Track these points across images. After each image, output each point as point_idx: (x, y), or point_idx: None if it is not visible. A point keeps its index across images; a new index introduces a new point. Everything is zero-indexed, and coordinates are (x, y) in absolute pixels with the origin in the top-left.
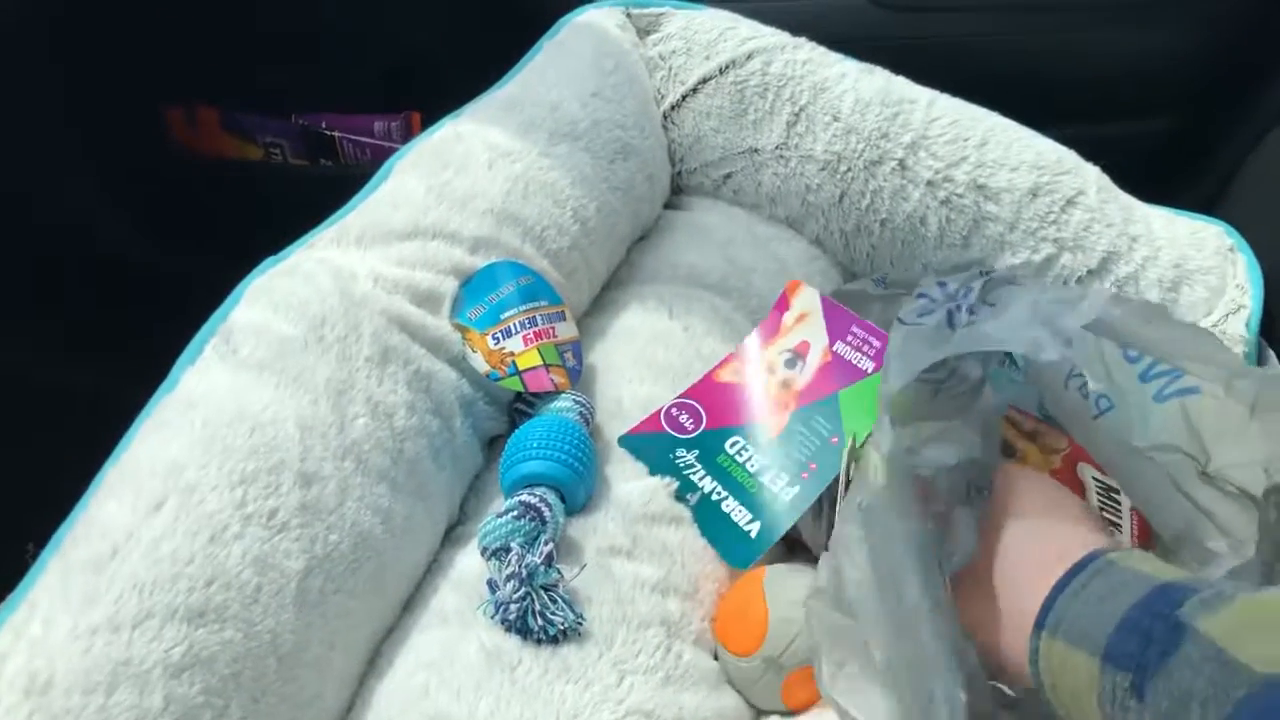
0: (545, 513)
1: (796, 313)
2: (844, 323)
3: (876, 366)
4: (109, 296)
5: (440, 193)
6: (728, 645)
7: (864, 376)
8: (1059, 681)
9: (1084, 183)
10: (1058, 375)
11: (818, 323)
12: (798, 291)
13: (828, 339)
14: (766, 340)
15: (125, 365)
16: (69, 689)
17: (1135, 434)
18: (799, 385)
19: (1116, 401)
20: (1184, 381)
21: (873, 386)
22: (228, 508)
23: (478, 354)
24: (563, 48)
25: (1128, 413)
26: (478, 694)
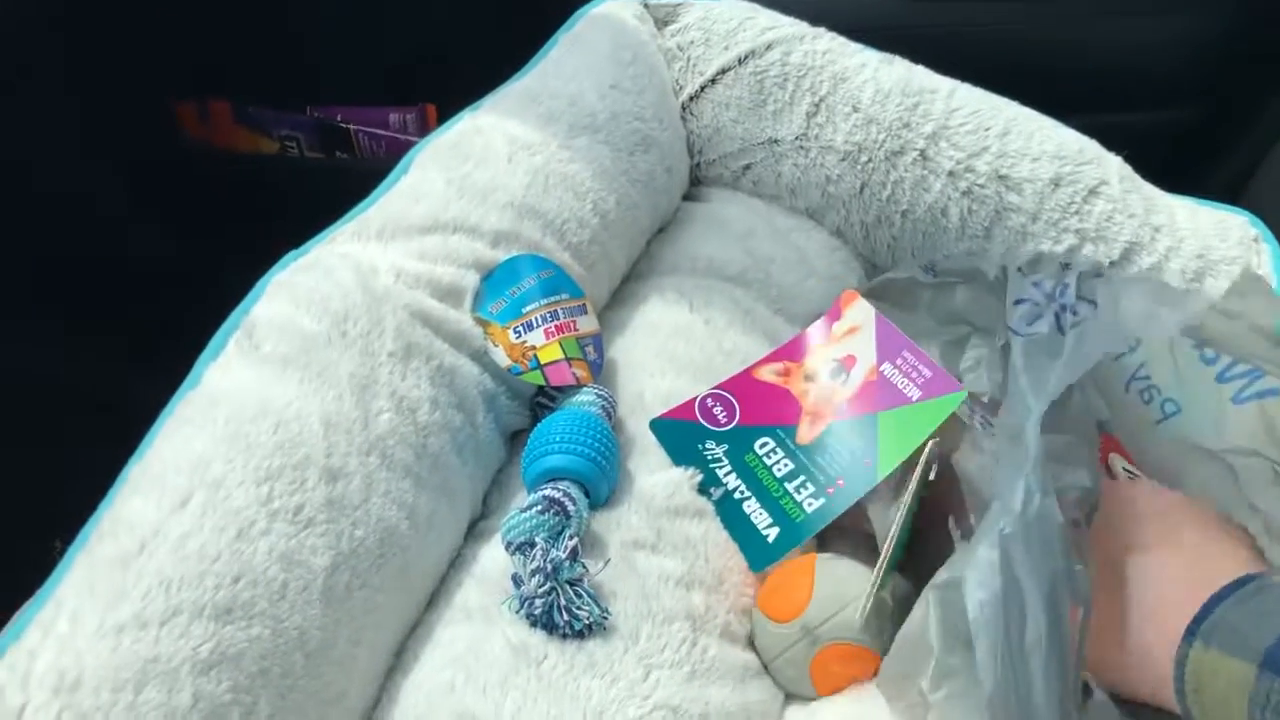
0: (569, 507)
1: (848, 324)
2: (896, 345)
3: (922, 396)
4: (126, 292)
5: (461, 186)
6: (768, 612)
7: (908, 403)
8: (1206, 687)
9: (1106, 173)
10: (1118, 377)
11: (868, 339)
12: (852, 303)
13: (876, 358)
14: (811, 347)
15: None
16: (98, 686)
17: (1208, 437)
18: (839, 398)
19: (1184, 405)
20: (1264, 383)
21: (915, 414)
22: (254, 504)
23: (499, 348)
24: (580, 39)
25: (1198, 416)
26: (504, 690)
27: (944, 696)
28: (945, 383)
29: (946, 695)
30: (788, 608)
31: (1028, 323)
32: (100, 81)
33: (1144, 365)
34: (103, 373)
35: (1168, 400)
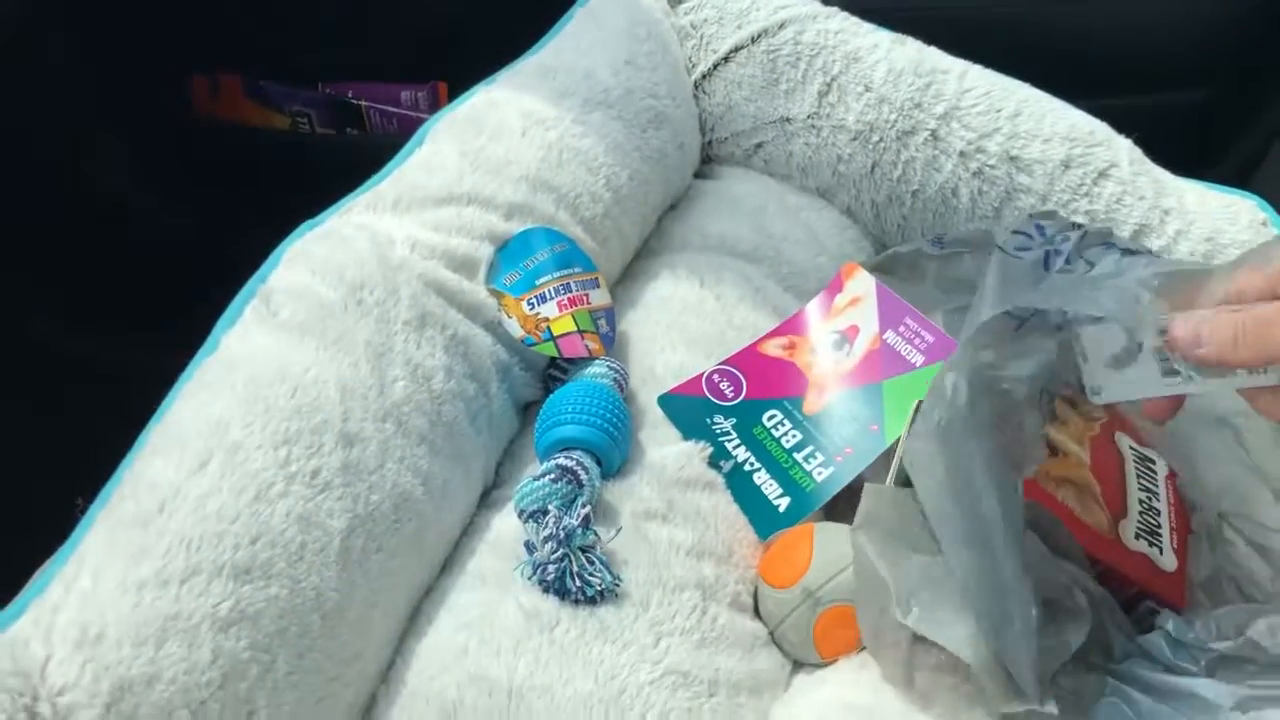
0: (581, 476)
1: (849, 296)
2: (898, 313)
3: (926, 361)
4: (132, 264)
5: (475, 159)
6: (768, 579)
7: (911, 369)
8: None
9: (1116, 155)
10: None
11: (870, 309)
12: (853, 275)
13: (878, 327)
14: (815, 320)
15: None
16: (120, 641)
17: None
18: (844, 368)
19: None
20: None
21: (919, 380)
22: (272, 466)
23: (513, 319)
24: (595, 16)
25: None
26: (517, 654)
27: (917, 615)
28: (948, 346)
29: (919, 613)
30: (789, 572)
31: (1015, 248)
32: (111, 53)
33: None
34: (107, 344)
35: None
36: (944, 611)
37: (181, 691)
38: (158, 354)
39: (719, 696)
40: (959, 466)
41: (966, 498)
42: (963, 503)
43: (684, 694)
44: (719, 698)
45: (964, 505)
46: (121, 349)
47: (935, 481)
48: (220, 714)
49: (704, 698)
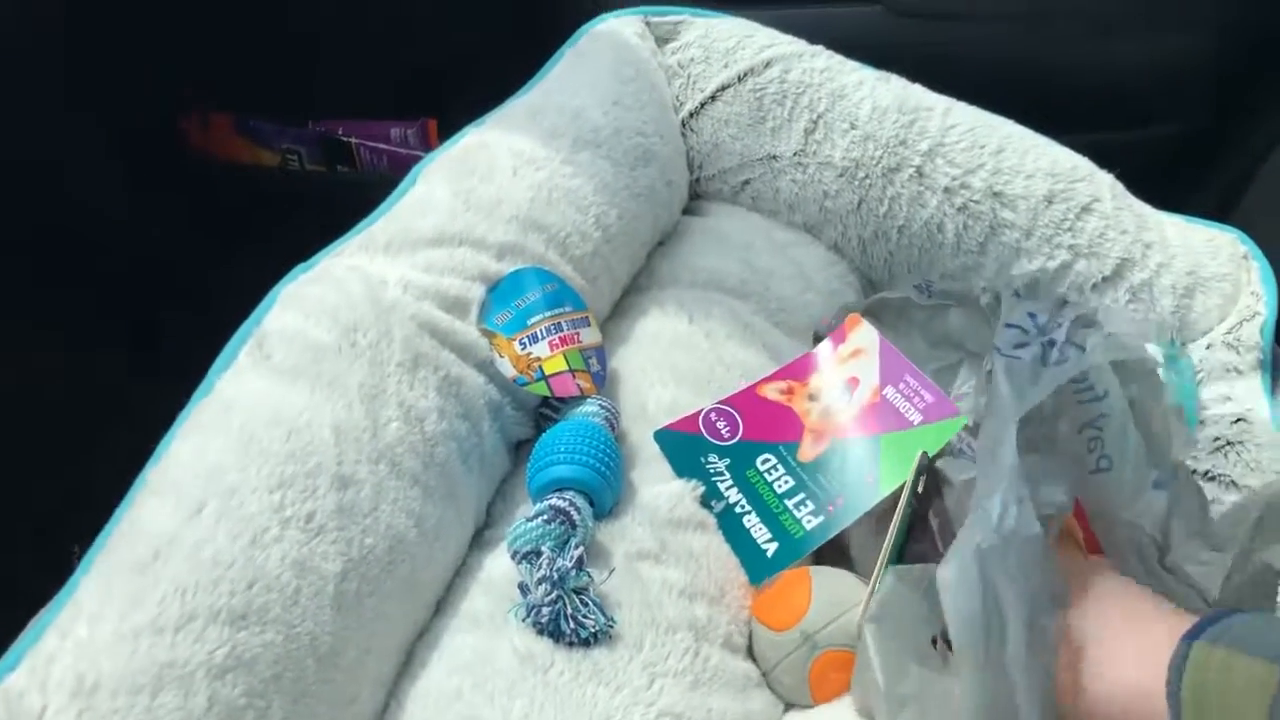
0: (574, 516)
1: (852, 347)
2: (898, 369)
3: (923, 420)
4: (126, 302)
5: (467, 199)
6: (766, 621)
7: (909, 427)
8: (1213, 686)
9: (1099, 190)
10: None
11: (872, 362)
12: (856, 327)
13: (879, 380)
14: (815, 367)
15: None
16: (115, 690)
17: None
18: (842, 418)
19: (1116, 465)
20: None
21: (917, 438)
22: (267, 510)
23: (505, 359)
24: (583, 56)
25: (1122, 479)
26: (511, 697)
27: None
28: (945, 407)
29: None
30: (787, 615)
31: (1013, 346)
32: (104, 92)
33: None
34: (103, 382)
35: (1104, 456)
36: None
37: None
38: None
39: None
40: (995, 597)
41: (997, 631)
42: (992, 636)
43: None
44: None
45: (993, 638)
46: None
47: (969, 611)
48: None
49: None
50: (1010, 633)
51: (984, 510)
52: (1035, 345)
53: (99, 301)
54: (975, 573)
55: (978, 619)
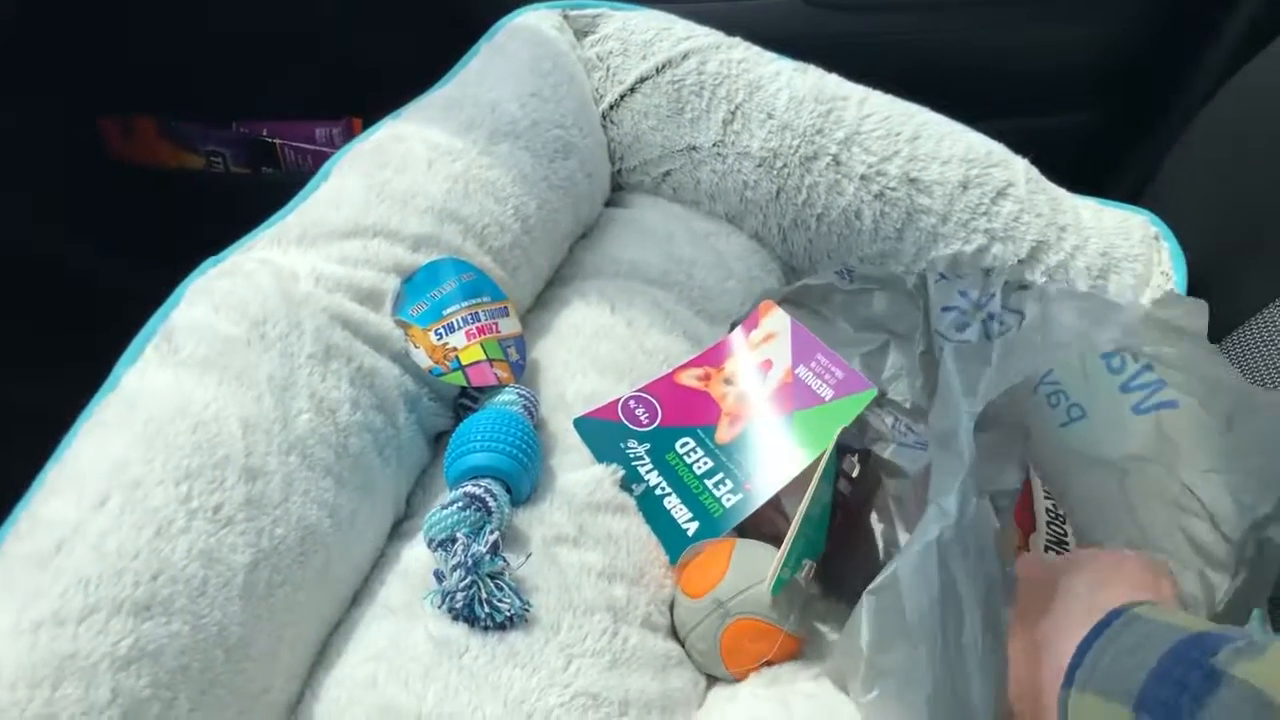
0: (490, 503)
1: (764, 332)
2: (810, 349)
3: (835, 395)
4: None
5: (380, 191)
6: (684, 588)
7: (821, 403)
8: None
9: (1013, 175)
10: (1028, 380)
11: (784, 344)
12: (769, 312)
13: (791, 361)
14: (730, 353)
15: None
16: (14, 683)
17: (1106, 445)
18: (756, 399)
19: (1089, 411)
20: (1164, 394)
21: (827, 413)
22: (172, 503)
23: (420, 350)
24: (500, 49)
25: (1099, 423)
26: (426, 682)
27: (875, 698)
28: (856, 382)
29: (878, 696)
30: (703, 583)
31: (956, 329)
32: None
33: (1053, 371)
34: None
35: (1074, 405)
36: (900, 710)
37: None
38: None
39: (630, 716)
40: (953, 586)
41: (954, 619)
42: (949, 624)
43: (594, 715)
44: (630, 717)
45: (950, 626)
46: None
47: (928, 599)
48: None
49: (615, 718)
50: (966, 620)
51: (942, 503)
52: (976, 323)
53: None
54: (934, 563)
55: (936, 607)
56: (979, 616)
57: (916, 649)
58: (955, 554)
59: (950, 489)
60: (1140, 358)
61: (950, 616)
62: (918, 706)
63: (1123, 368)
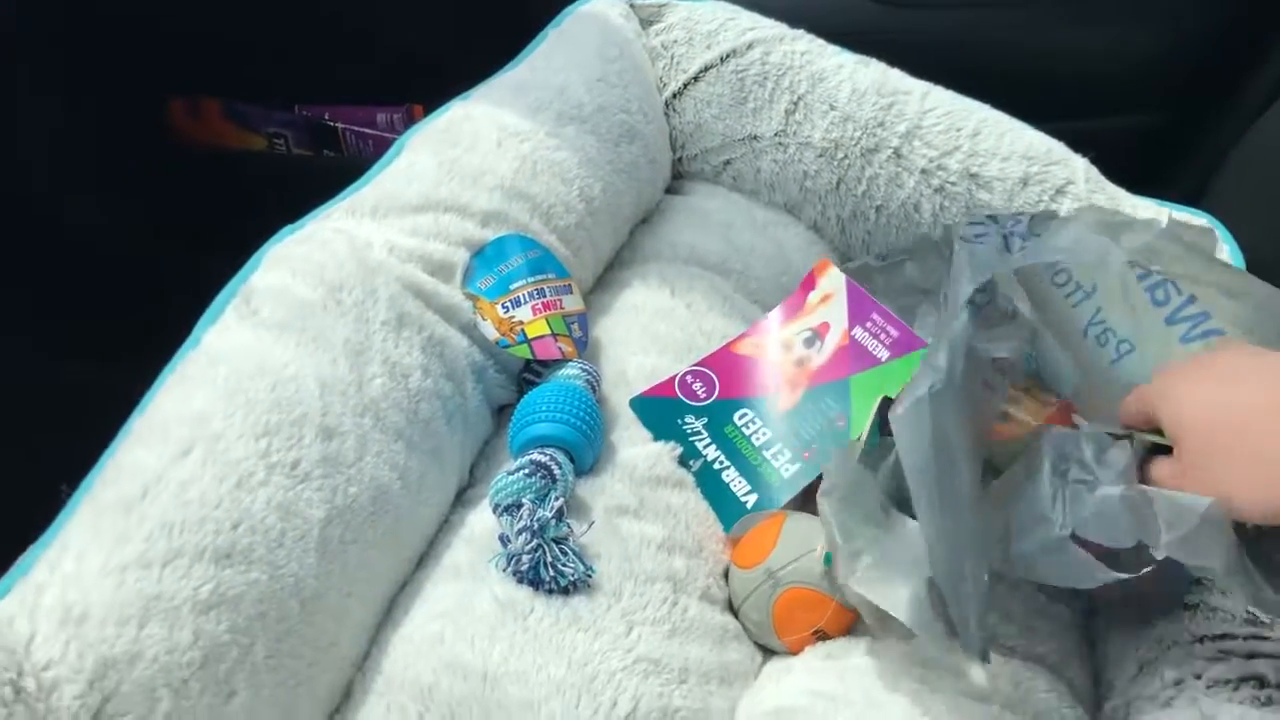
0: (555, 471)
1: (821, 293)
2: (865, 308)
3: (891, 356)
4: (112, 286)
5: (451, 168)
6: (736, 560)
7: (877, 364)
8: None
9: (1073, 173)
10: (1076, 325)
11: (840, 305)
12: (825, 272)
13: (847, 322)
14: (788, 318)
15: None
16: (103, 620)
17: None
18: (814, 365)
19: (1137, 345)
20: (1210, 324)
21: (884, 375)
22: (252, 456)
23: (488, 322)
24: (568, 35)
25: (1149, 355)
26: (491, 641)
27: (860, 574)
28: (911, 340)
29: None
30: (755, 554)
31: (975, 235)
32: (88, 80)
33: (1100, 310)
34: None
35: (1122, 341)
36: (888, 574)
37: (163, 671)
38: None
39: (689, 684)
40: (944, 432)
41: (945, 462)
42: (941, 466)
43: (655, 680)
44: (689, 685)
45: (942, 468)
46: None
47: (923, 444)
48: (200, 694)
49: (674, 684)
50: (959, 465)
51: (934, 358)
52: (995, 236)
53: (81, 288)
54: (927, 413)
55: (930, 453)
56: (969, 465)
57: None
58: (946, 405)
59: (942, 347)
60: (1183, 290)
61: (944, 464)
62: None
63: (1167, 300)
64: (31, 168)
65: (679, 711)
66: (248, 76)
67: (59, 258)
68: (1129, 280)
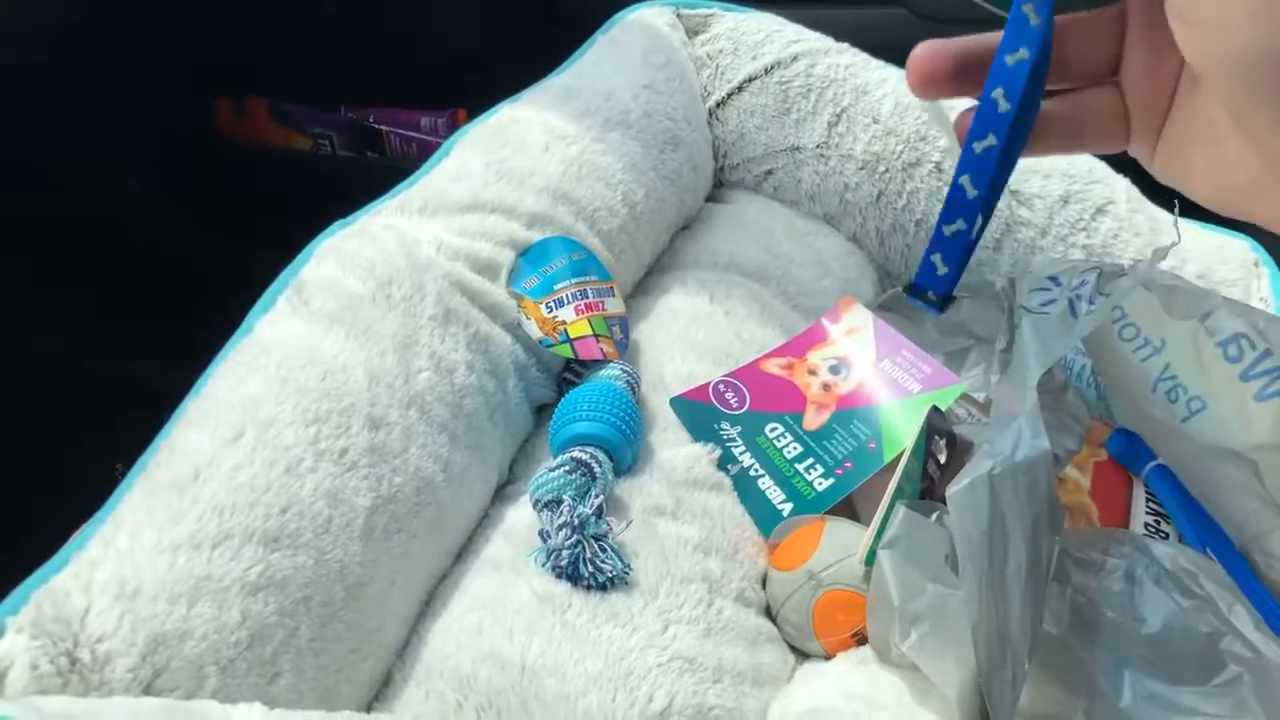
0: (595, 469)
1: (846, 326)
2: (894, 345)
3: (923, 389)
4: (159, 283)
5: (499, 169)
6: (777, 565)
7: (909, 395)
8: None
9: (1114, 192)
10: (1145, 380)
11: (867, 340)
12: (850, 308)
13: (875, 355)
14: (813, 345)
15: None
16: (155, 597)
17: (1232, 435)
18: (841, 390)
19: (1210, 403)
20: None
21: (917, 405)
22: (302, 443)
23: (531, 321)
24: (615, 42)
25: (1222, 414)
26: (529, 634)
27: (915, 641)
28: (944, 377)
29: (917, 639)
30: (796, 557)
31: (1040, 304)
32: (139, 78)
33: (1169, 365)
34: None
35: (1194, 398)
36: (940, 644)
37: (212, 649)
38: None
39: (723, 683)
40: (1001, 520)
41: (1000, 551)
42: (995, 555)
43: (690, 679)
44: (723, 684)
45: (996, 557)
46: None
47: (977, 530)
48: (246, 674)
49: (709, 683)
50: (1011, 551)
51: (998, 440)
52: (1062, 301)
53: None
54: (985, 494)
55: (984, 536)
56: (1024, 549)
57: (963, 577)
58: (1006, 488)
59: (1008, 428)
60: (1257, 345)
61: (997, 548)
62: (961, 636)
63: (1240, 356)
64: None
65: (713, 710)
66: (295, 77)
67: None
68: (1200, 335)
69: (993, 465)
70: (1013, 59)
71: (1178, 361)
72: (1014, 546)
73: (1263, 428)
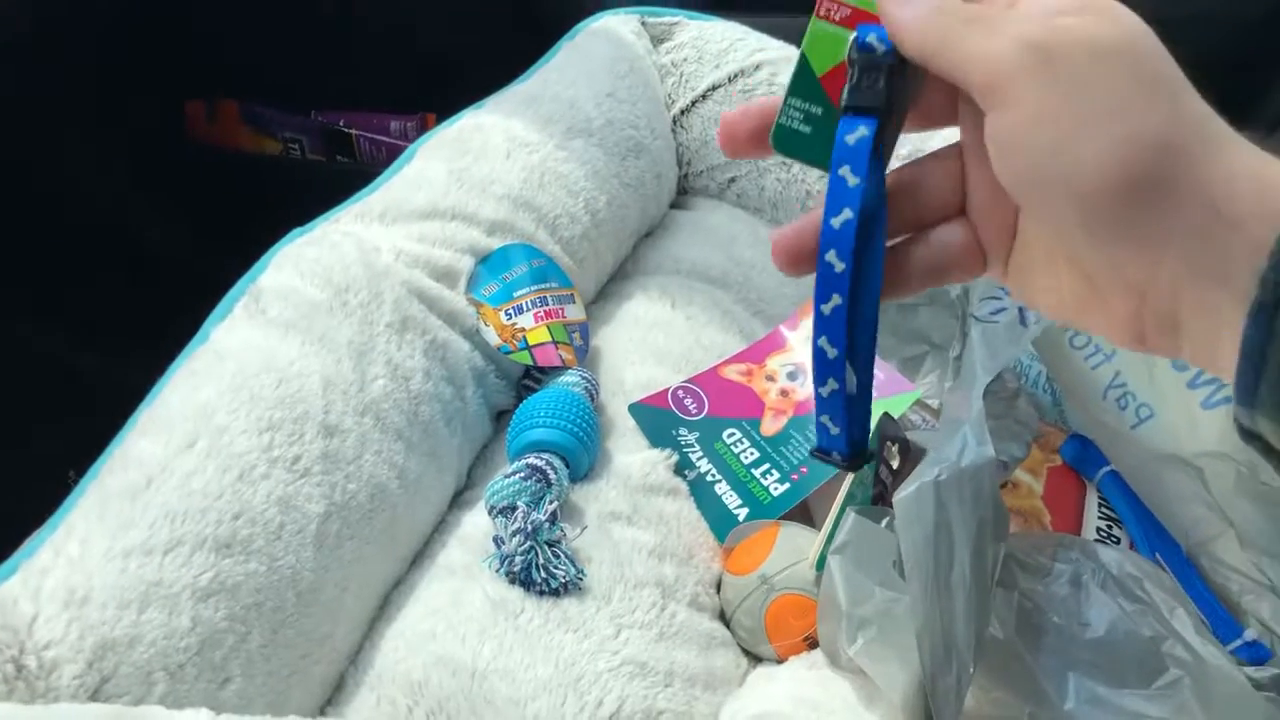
0: (550, 475)
1: (805, 333)
2: None
3: (877, 395)
4: (128, 286)
5: (460, 177)
6: (730, 567)
7: None
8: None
9: None
10: (1096, 387)
11: None
12: (809, 314)
13: None
14: (772, 351)
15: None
16: (104, 604)
17: (1179, 442)
18: (798, 396)
19: (1158, 410)
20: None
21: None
22: (255, 450)
23: (490, 328)
24: (580, 50)
25: (1170, 421)
26: (482, 639)
27: (861, 646)
28: (898, 384)
29: (863, 644)
30: (749, 562)
31: (990, 312)
32: (111, 81)
33: (1120, 373)
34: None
35: (1142, 405)
36: (886, 649)
37: (160, 655)
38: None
39: (674, 688)
40: (947, 525)
41: (945, 556)
42: (940, 560)
43: (640, 683)
44: (674, 689)
45: (941, 562)
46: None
47: (923, 535)
48: (196, 679)
49: (660, 687)
50: (956, 556)
51: (944, 447)
52: (1012, 309)
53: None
54: (931, 500)
55: (929, 541)
56: (968, 557)
57: (909, 582)
58: (951, 495)
59: (954, 435)
60: None
61: (942, 553)
62: (907, 640)
63: (1187, 364)
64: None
65: (663, 714)
66: (265, 81)
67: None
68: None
69: (938, 472)
70: (838, 221)
71: (1127, 369)
72: (959, 552)
73: (1209, 435)
